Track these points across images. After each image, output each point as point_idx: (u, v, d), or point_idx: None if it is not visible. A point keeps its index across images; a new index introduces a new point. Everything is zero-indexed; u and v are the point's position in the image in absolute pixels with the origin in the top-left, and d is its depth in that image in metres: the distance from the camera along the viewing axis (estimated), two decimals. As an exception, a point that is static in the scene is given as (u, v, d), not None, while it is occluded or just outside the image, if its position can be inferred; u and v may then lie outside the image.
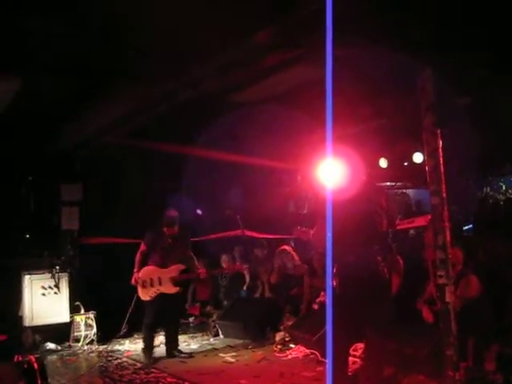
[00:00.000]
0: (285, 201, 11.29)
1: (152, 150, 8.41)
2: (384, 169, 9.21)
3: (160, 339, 7.86)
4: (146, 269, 7.01)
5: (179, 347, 7.22)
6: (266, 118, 7.75)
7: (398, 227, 6.37)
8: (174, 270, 6.98)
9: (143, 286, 6.93)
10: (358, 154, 5.16)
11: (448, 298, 4.59)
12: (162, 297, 6.90)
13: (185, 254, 7.15)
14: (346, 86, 5.94)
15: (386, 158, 9.20)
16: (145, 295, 6.96)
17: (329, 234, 4.72)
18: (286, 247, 8.46)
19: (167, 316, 7.14)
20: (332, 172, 5.03)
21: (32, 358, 3.76)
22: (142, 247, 7.11)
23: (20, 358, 3.81)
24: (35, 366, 3.64)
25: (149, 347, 6.98)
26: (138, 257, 7.06)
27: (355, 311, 4.89)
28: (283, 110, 7.49)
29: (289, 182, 10.82)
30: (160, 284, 6.90)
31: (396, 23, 5.08)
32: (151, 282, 6.92)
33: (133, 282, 6.96)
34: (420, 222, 6.24)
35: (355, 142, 5.38)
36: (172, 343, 7.16)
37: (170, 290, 6.91)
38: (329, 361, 4.52)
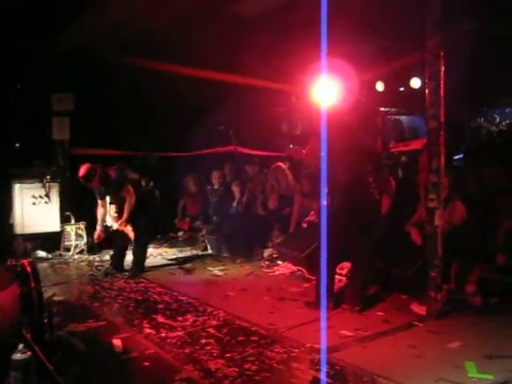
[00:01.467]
0: (278, 121, 11.18)
1: (144, 67, 8.18)
2: (380, 92, 9.07)
3: (149, 251, 7.99)
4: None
5: (142, 264, 7.08)
6: (262, 36, 7.51)
7: (393, 149, 6.37)
8: None
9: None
10: (355, 72, 5.05)
11: (437, 221, 4.64)
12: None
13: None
14: (345, 5, 5.75)
15: (382, 81, 9.04)
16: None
17: (323, 153, 4.70)
18: (281, 164, 8.39)
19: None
20: (328, 88, 4.94)
21: (25, 261, 3.79)
22: None
23: (13, 262, 3.83)
24: (28, 269, 3.67)
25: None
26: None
27: (344, 230, 4.96)
28: (279, 27, 7.25)
29: (283, 103, 10.67)
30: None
31: None
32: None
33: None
34: (415, 145, 6.20)
35: (352, 63, 5.23)
36: (135, 257, 7.06)
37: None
38: (319, 276, 4.65)
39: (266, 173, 8.92)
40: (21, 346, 2.85)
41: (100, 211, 6.82)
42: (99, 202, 6.81)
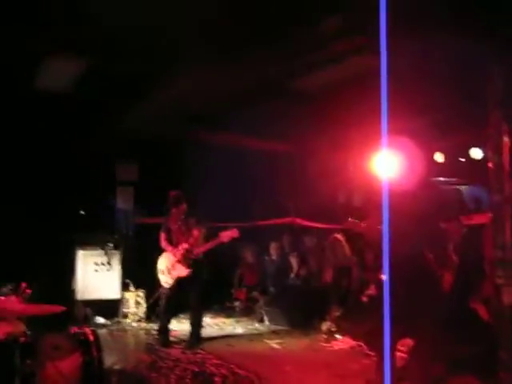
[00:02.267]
0: (335, 191, 11.18)
1: (208, 138, 8.47)
2: (439, 164, 8.98)
3: (207, 321, 7.98)
4: (161, 256, 6.99)
5: (200, 333, 6.96)
6: (321, 109, 7.68)
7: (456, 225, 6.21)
8: (180, 251, 6.78)
9: (162, 274, 6.90)
10: (416, 147, 5.05)
11: (506, 298, 4.44)
12: (180, 280, 6.77)
13: (191, 233, 6.83)
14: (403, 77, 5.83)
15: (442, 152, 8.96)
16: (165, 283, 6.92)
17: (385, 228, 4.65)
18: (338, 236, 8.32)
19: (190, 299, 6.90)
20: (389, 164, 4.95)
21: (88, 330, 3.85)
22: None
23: (76, 330, 3.90)
24: (91, 337, 3.73)
25: (161, 331, 6.92)
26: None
27: (405, 307, 4.81)
28: (337, 100, 7.39)
29: (340, 173, 10.69)
30: (174, 269, 6.80)
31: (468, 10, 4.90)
32: (167, 269, 6.86)
33: None
34: (480, 219, 6.04)
35: (411, 135, 5.25)
36: (193, 327, 6.91)
37: (182, 272, 6.74)
38: (384, 354, 4.48)
39: (323, 245, 8.86)
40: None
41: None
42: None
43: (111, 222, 9.27)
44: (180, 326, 7.88)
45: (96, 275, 8.62)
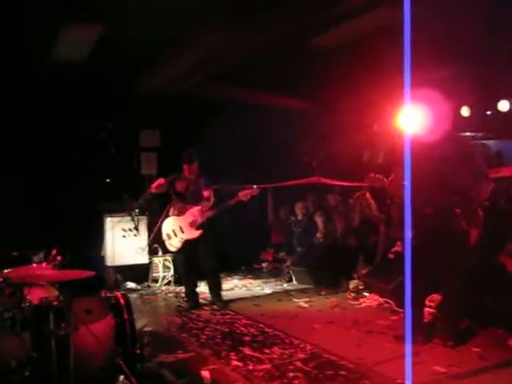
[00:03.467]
0: (359, 150, 11.09)
1: (229, 98, 8.40)
2: (465, 117, 8.80)
3: (234, 282, 8.10)
4: (166, 221, 6.95)
5: (221, 295, 6.99)
6: (342, 65, 7.55)
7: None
8: (192, 213, 6.71)
9: (168, 238, 6.89)
10: (442, 100, 4.95)
11: (535, 251, 4.41)
12: (188, 244, 6.74)
13: (202, 195, 6.77)
14: (426, 28, 5.67)
15: (468, 106, 8.77)
16: (171, 247, 6.95)
17: (407, 183, 4.61)
18: (365, 193, 8.25)
19: (202, 263, 6.84)
20: (413, 118, 4.87)
21: (118, 294, 3.94)
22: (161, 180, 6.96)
23: (107, 294, 3.99)
24: (122, 301, 3.81)
25: (188, 295, 6.92)
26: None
27: (432, 262, 4.81)
28: (360, 56, 7.26)
29: (365, 131, 10.58)
30: (182, 232, 6.75)
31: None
32: (174, 232, 6.82)
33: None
34: (507, 172, 5.95)
35: (436, 89, 5.13)
36: (212, 291, 6.97)
37: (193, 234, 6.69)
38: (406, 309, 4.51)
39: (349, 203, 8.84)
40: (121, 377, 2.95)
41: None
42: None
43: (136, 188, 9.36)
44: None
45: (125, 241, 8.78)
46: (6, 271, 3.85)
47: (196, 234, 6.66)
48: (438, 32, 6.29)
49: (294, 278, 8.39)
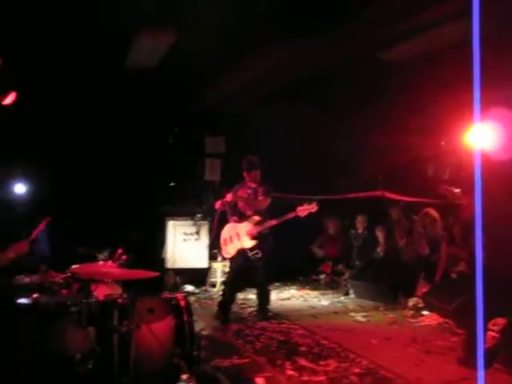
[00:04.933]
0: (424, 165, 10.86)
1: (292, 112, 8.45)
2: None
3: (291, 292, 8.10)
4: (226, 226, 6.87)
5: (267, 309, 6.81)
6: (412, 77, 7.45)
7: None
8: (251, 222, 6.58)
9: (224, 244, 6.80)
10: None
11: None
12: (241, 253, 6.58)
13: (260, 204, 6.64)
14: (498, 43, 5.53)
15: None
16: (226, 253, 6.85)
17: (477, 203, 4.48)
18: (431, 210, 8.02)
19: (254, 274, 6.73)
20: (484, 136, 4.75)
21: (179, 295, 4.02)
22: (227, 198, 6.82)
23: (168, 295, 4.09)
24: (182, 303, 3.89)
25: (224, 303, 6.64)
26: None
27: (500, 286, 4.65)
28: (430, 69, 7.14)
29: (431, 147, 10.36)
30: (238, 239, 6.63)
31: None
32: (230, 239, 6.73)
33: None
34: None
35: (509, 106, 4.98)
36: (259, 302, 6.84)
37: (247, 244, 6.53)
38: (474, 332, 4.38)
39: (412, 219, 8.66)
40: (185, 376, 3.02)
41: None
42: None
43: (200, 193, 9.54)
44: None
45: (185, 245, 8.95)
46: (73, 267, 4.02)
47: (250, 244, 6.52)
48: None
49: (351, 292, 8.31)
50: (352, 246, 9.42)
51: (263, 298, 6.83)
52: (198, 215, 9.02)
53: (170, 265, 8.86)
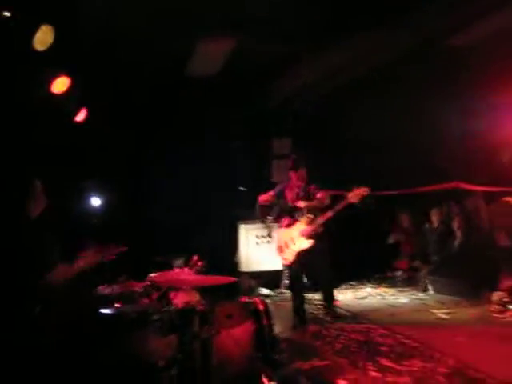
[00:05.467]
0: (500, 151, 10.41)
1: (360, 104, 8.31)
2: None
3: (368, 291, 7.96)
4: (278, 233, 6.70)
5: (334, 308, 6.63)
6: (482, 61, 7.16)
7: None
8: (303, 222, 6.34)
9: (281, 251, 6.56)
10: None
11: None
12: (301, 256, 6.37)
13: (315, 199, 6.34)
14: None
15: None
16: (284, 260, 6.64)
17: None
18: (510, 199, 7.64)
19: (317, 275, 6.65)
20: None
21: (257, 299, 4.01)
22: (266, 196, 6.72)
23: (246, 300, 4.09)
24: (261, 307, 3.88)
25: (296, 310, 6.48)
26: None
27: None
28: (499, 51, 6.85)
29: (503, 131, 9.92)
30: (294, 243, 6.39)
31: None
32: (286, 245, 6.47)
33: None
34: None
35: None
36: (325, 302, 6.64)
37: (304, 245, 6.30)
38: None
39: (489, 209, 8.29)
40: (266, 380, 3.01)
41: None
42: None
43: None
44: (341, 297, 7.95)
45: (258, 248, 8.97)
46: (152, 275, 4.08)
47: (307, 244, 6.31)
48: None
49: (430, 288, 8.05)
50: (427, 240, 9.13)
51: (326, 297, 6.62)
52: (269, 217, 9.00)
53: (244, 268, 8.90)
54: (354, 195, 6.06)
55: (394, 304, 7.45)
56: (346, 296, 8.11)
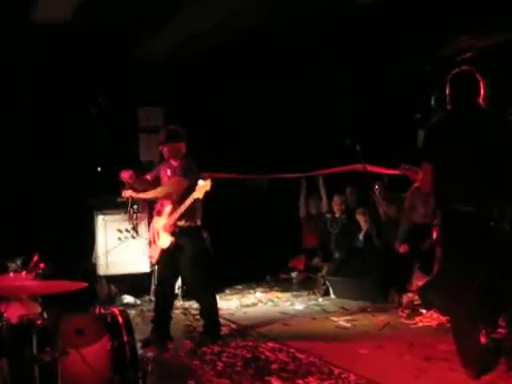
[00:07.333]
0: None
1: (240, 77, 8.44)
2: None
3: (257, 296, 8.11)
4: (152, 224, 6.66)
5: (214, 328, 6.40)
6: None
7: None
8: (168, 214, 6.26)
9: (150, 247, 6.63)
10: None
11: None
12: (165, 255, 6.30)
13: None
14: None
15: None
16: (152, 258, 6.67)
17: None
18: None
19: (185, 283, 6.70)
20: None
21: (116, 310, 3.93)
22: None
23: (101, 310, 4.00)
24: (120, 319, 3.81)
25: (155, 319, 6.42)
26: None
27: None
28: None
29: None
30: (158, 238, 6.35)
31: None
32: (153, 238, 6.46)
33: None
34: None
35: None
36: (203, 316, 6.51)
37: (164, 243, 6.23)
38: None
39: (400, 198, 8.71)
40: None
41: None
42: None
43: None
44: (226, 304, 8.04)
45: (120, 245, 8.79)
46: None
47: (167, 242, 6.20)
48: None
49: (331, 291, 8.36)
50: (329, 233, 9.42)
51: (206, 311, 6.46)
52: (135, 206, 8.84)
53: (102, 271, 8.72)
54: (199, 190, 5.89)
55: (287, 312, 7.66)
56: (231, 303, 8.21)
